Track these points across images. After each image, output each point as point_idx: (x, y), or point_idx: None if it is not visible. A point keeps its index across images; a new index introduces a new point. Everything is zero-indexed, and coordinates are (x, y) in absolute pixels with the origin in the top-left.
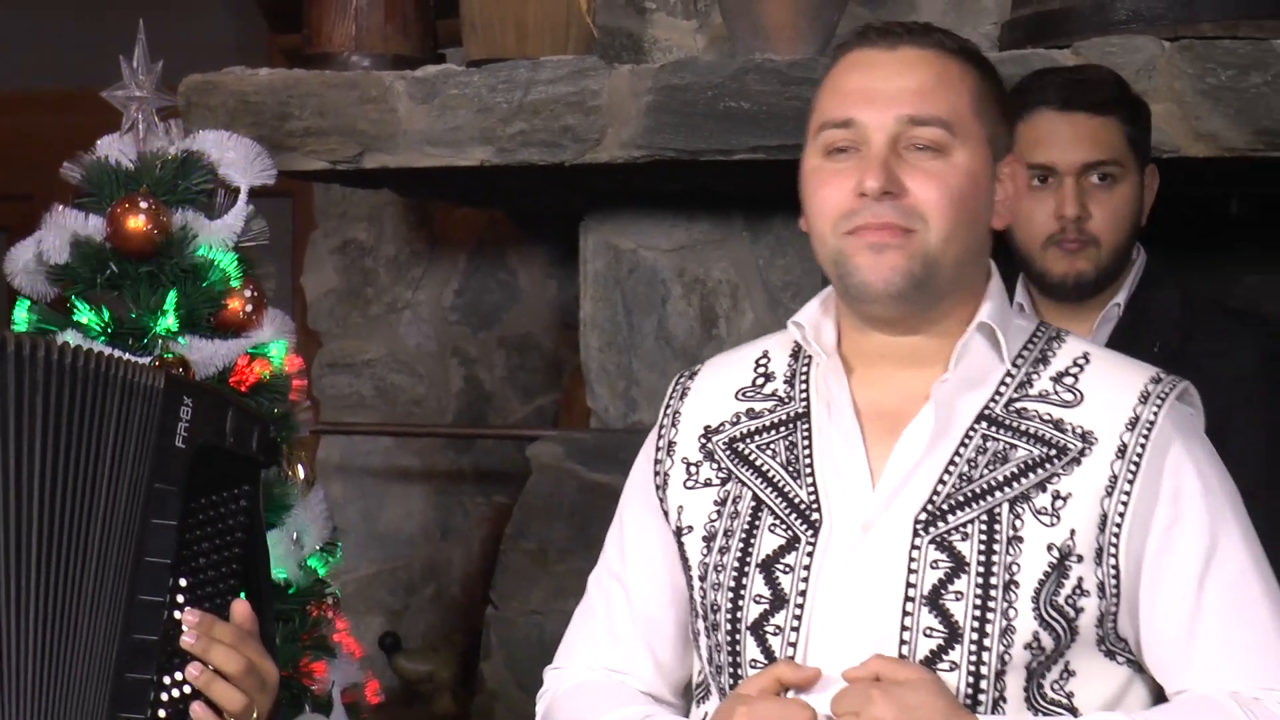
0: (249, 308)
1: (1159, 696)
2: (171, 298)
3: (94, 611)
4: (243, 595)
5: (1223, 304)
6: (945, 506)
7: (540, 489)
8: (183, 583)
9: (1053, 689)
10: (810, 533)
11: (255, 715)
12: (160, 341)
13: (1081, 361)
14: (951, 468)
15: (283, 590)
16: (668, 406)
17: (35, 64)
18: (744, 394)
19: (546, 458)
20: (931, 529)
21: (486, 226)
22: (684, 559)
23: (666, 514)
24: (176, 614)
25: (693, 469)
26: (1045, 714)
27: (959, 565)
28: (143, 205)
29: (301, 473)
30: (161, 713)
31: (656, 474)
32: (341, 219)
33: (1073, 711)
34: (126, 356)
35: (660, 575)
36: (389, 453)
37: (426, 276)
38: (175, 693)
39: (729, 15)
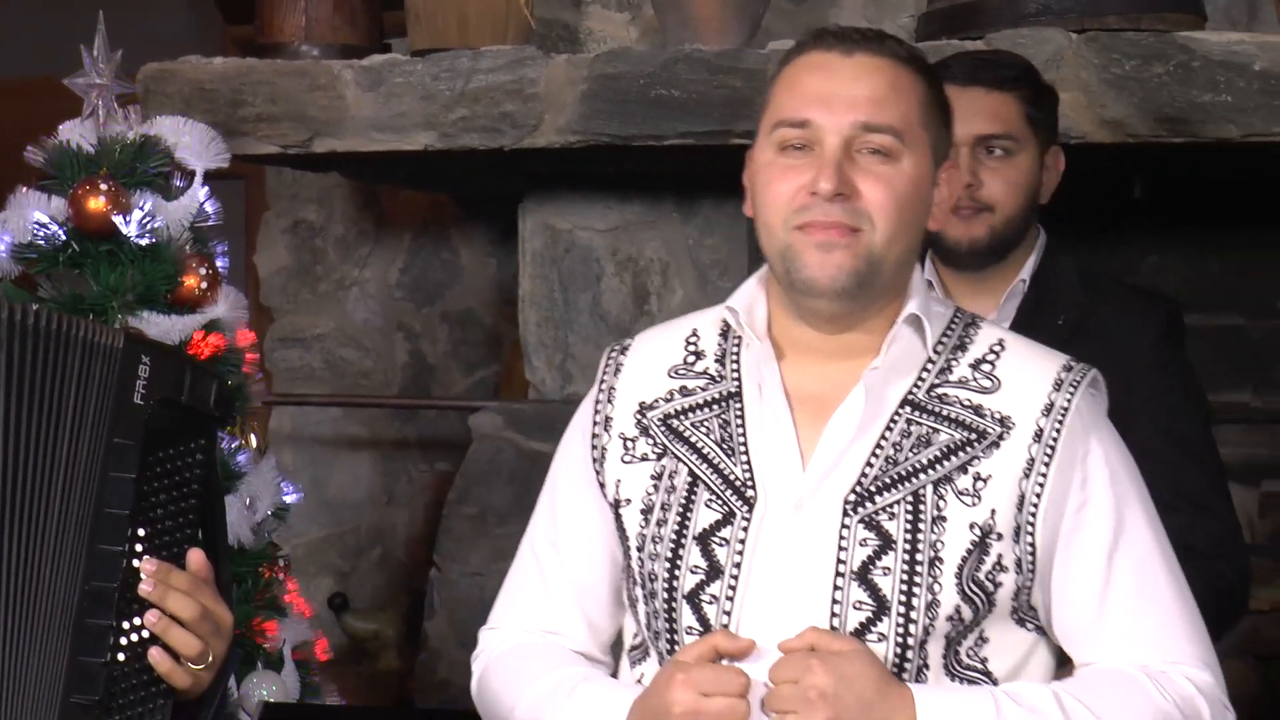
0: (204, 285)
1: (1059, 656)
2: (130, 276)
3: (55, 560)
4: (199, 544)
5: (1120, 280)
6: (873, 488)
7: (481, 457)
8: (141, 532)
9: (968, 655)
10: (745, 509)
11: (210, 659)
12: (119, 317)
13: (997, 349)
14: (879, 450)
15: (236, 553)
16: (602, 382)
17: (2, 54)
18: (676, 371)
19: (487, 427)
20: (860, 509)
21: (430, 208)
22: (622, 530)
23: (603, 486)
24: (135, 562)
25: (629, 444)
26: (960, 679)
27: (886, 543)
28: (103, 187)
29: (254, 442)
30: (120, 656)
31: (594, 447)
32: (292, 201)
33: (986, 675)
34: (89, 318)
35: (593, 541)
36: (337, 423)
37: (373, 255)
38: (134, 637)
39: (660, 8)
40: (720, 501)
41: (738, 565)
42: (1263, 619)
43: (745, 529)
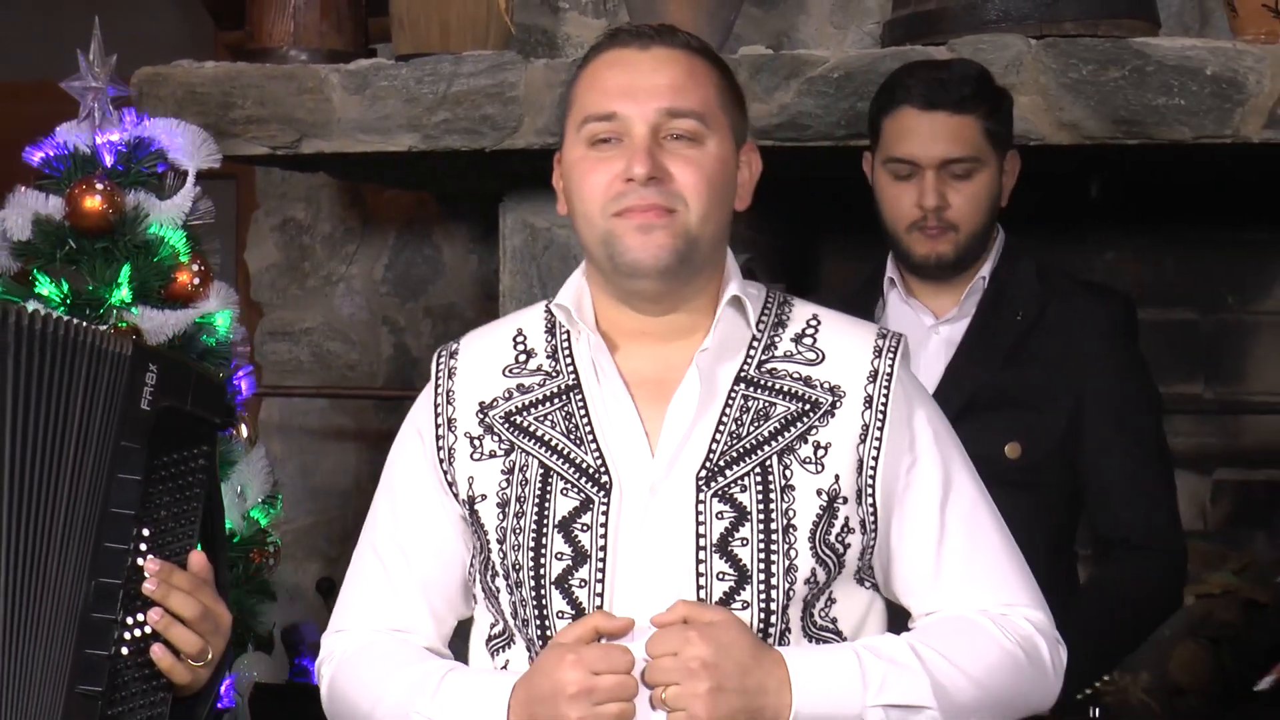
0: (196, 281)
1: (892, 610)
2: (125, 271)
3: (63, 556)
4: (200, 546)
5: (1074, 276)
6: (722, 463)
7: None
8: (145, 532)
9: (820, 615)
10: (602, 494)
11: (210, 656)
12: (115, 311)
13: (814, 323)
14: (721, 428)
15: (228, 539)
16: (438, 385)
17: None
18: (510, 370)
19: None
20: (712, 484)
21: (414, 206)
22: (479, 525)
23: (454, 485)
24: (139, 561)
25: (476, 442)
26: (815, 638)
27: (741, 515)
28: (99, 187)
29: (245, 432)
30: (124, 650)
31: (440, 449)
32: (281, 199)
33: (837, 633)
34: (98, 326)
35: (439, 539)
36: (325, 413)
37: (359, 252)
38: (137, 632)
39: (635, 14)
40: (576, 489)
41: (603, 549)
42: (1215, 602)
43: (605, 513)
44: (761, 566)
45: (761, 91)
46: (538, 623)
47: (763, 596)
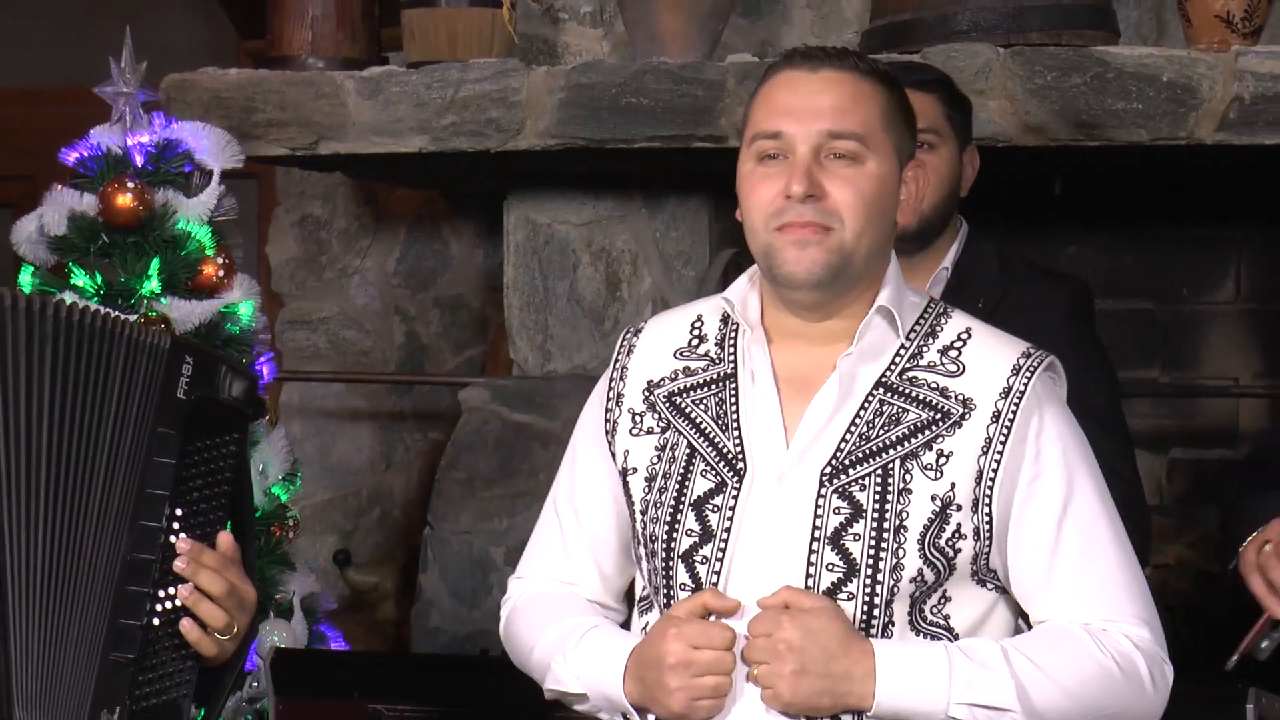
0: (221, 273)
1: (1019, 612)
2: (155, 264)
3: (99, 531)
4: (229, 526)
5: (1033, 263)
6: (847, 462)
7: (469, 427)
8: (178, 512)
9: (932, 613)
10: (736, 479)
11: (235, 631)
12: (145, 302)
13: (965, 336)
14: (853, 429)
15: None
16: (616, 361)
17: (36, 63)
18: (681, 353)
19: (475, 401)
20: (835, 480)
21: (423, 204)
22: (629, 496)
23: (614, 455)
24: (172, 538)
25: (637, 418)
26: (924, 633)
27: (857, 511)
28: (130, 185)
29: (266, 414)
30: (155, 621)
31: (607, 421)
32: (300, 197)
33: (949, 630)
34: (134, 319)
35: (606, 503)
36: (341, 397)
37: (372, 246)
38: (168, 605)
39: (630, 25)
40: (714, 472)
41: (727, 530)
42: (1170, 572)
43: (735, 497)
44: (870, 562)
45: (747, 96)
46: (665, 592)
47: (867, 591)
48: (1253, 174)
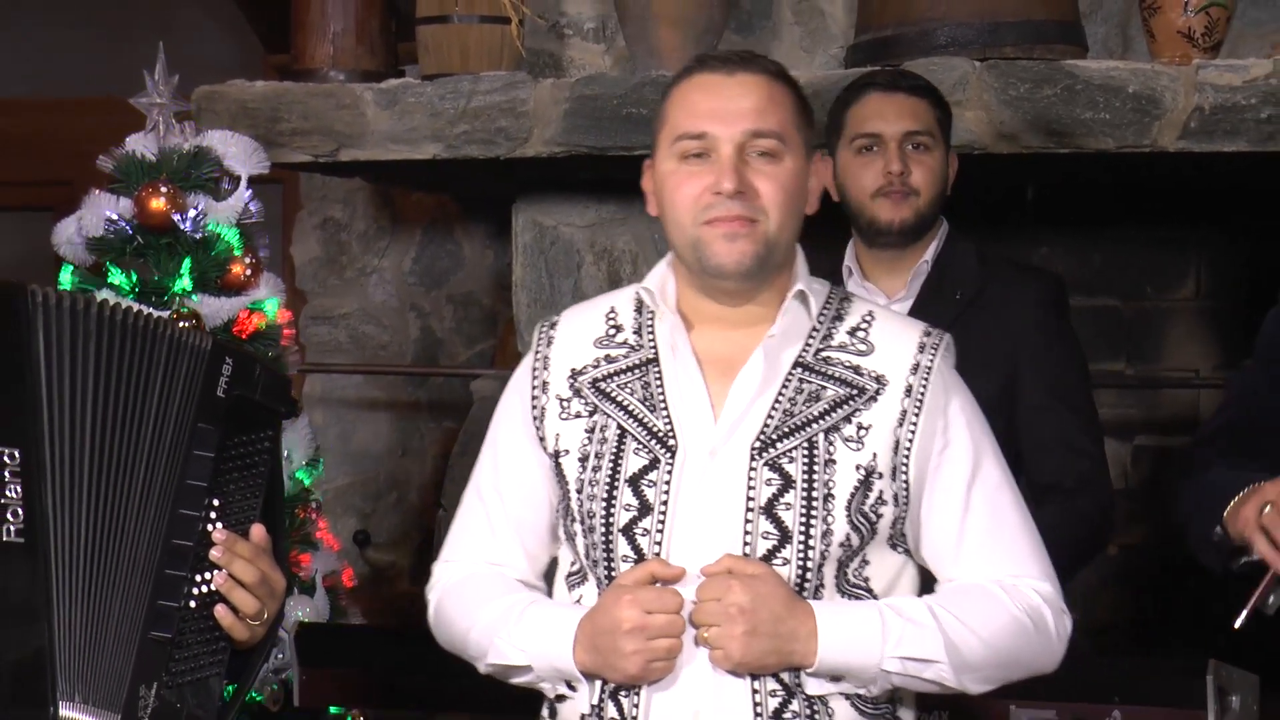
0: (249, 272)
1: (923, 575)
2: (186, 264)
3: (141, 518)
4: (262, 518)
5: (1010, 258)
6: (774, 436)
7: (480, 416)
8: (215, 503)
9: (854, 575)
10: (669, 455)
11: (265, 617)
12: (177, 299)
13: (869, 319)
14: (777, 405)
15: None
16: (537, 353)
17: (75, 76)
18: (599, 342)
19: (485, 391)
20: (765, 454)
21: (437, 207)
22: (562, 476)
23: (543, 440)
24: (209, 527)
25: (565, 404)
26: (848, 594)
27: (787, 482)
28: (163, 190)
29: (299, 413)
30: (191, 604)
31: (534, 408)
32: (322, 201)
33: (870, 591)
34: (179, 322)
35: (531, 486)
36: (360, 387)
37: (390, 247)
38: (203, 589)
39: (630, 40)
40: (646, 450)
41: (665, 503)
42: (1135, 554)
43: (670, 472)
44: (801, 529)
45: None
46: (605, 565)
47: (800, 556)
48: (1212, 180)
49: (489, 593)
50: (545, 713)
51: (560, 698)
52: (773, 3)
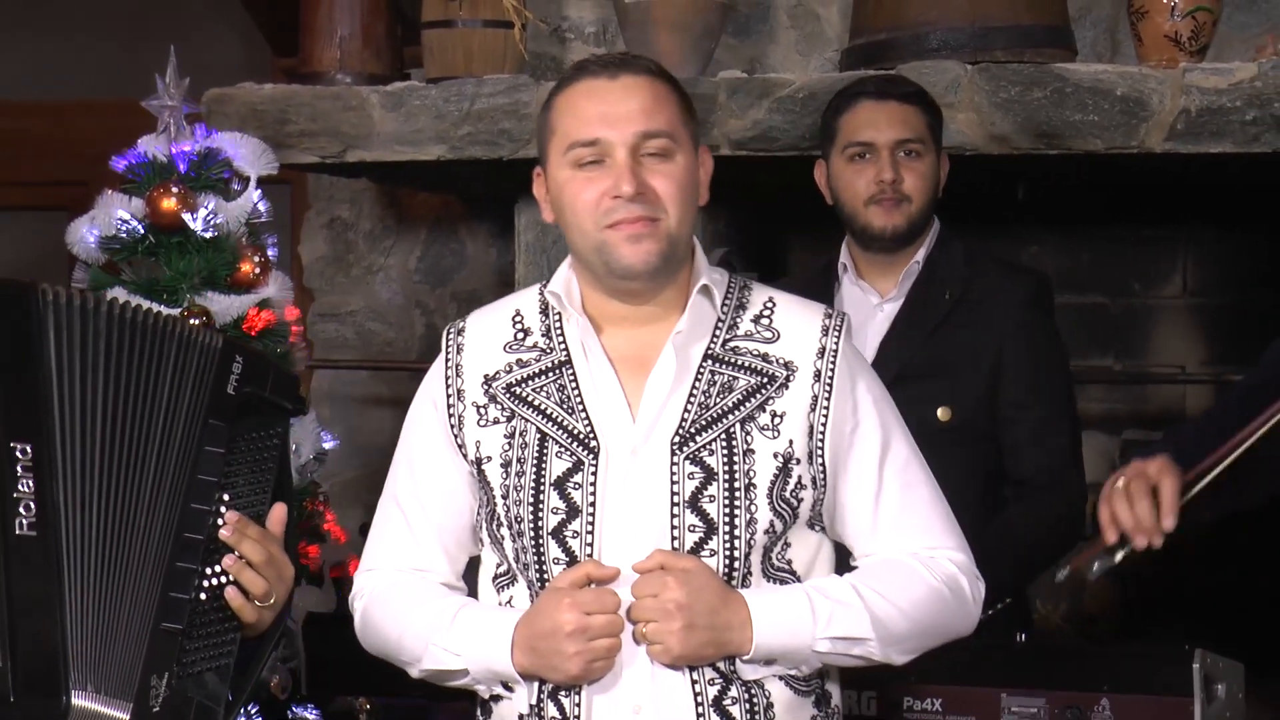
0: (257, 270)
1: (838, 550)
2: (197, 262)
3: (153, 512)
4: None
5: (997, 258)
6: (693, 430)
7: None
8: (225, 497)
9: (777, 558)
10: (591, 457)
11: (273, 600)
12: (188, 296)
13: (770, 305)
14: (692, 399)
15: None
16: (448, 360)
17: (89, 79)
18: (509, 347)
19: None
20: (685, 448)
21: (442, 207)
22: (485, 482)
23: (463, 447)
24: (219, 521)
25: (482, 410)
26: (773, 578)
27: (709, 475)
28: (174, 190)
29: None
30: (202, 595)
31: (450, 416)
32: (329, 201)
33: (793, 573)
34: (190, 320)
35: (449, 492)
36: (366, 383)
37: (395, 246)
38: (214, 581)
39: (630, 44)
40: (569, 453)
41: (592, 504)
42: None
43: (594, 473)
44: (726, 520)
45: (737, 109)
46: (537, 567)
47: (728, 546)
48: (1198, 180)
49: (416, 598)
50: (479, 713)
51: (495, 698)
52: (769, 7)
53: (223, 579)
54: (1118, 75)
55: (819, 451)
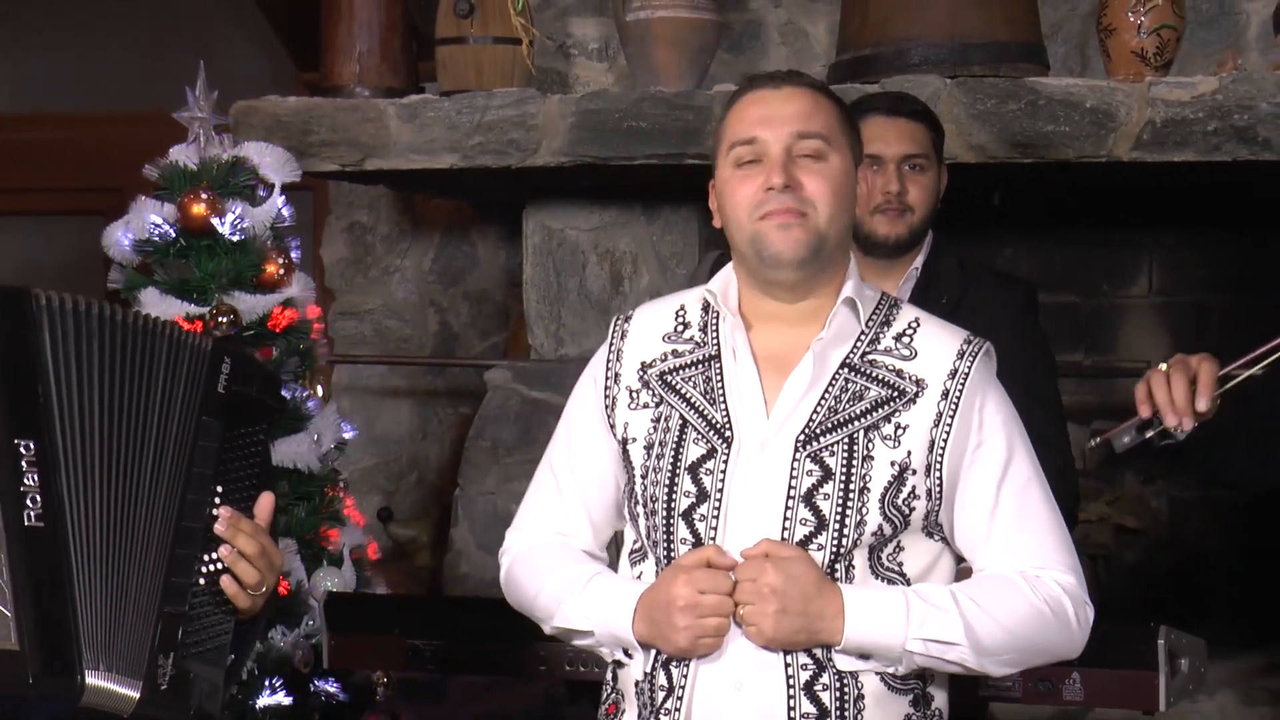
0: (281, 271)
1: (958, 561)
2: (224, 264)
3: (152, 504)
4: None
5: (991, 267)
6: (818, 431)
7: (494, 403)
8: (219, 488)
9: (888, 560)
10: (725, 446)
11: (264, 588)
12: (216, 296)
13: (914, 325)
14: (823, 402)
15: (306, 476)
16: (611, 344)
17: (124, 92)
18: (668, 337)
19: (498, 380)
20: (808, 447)
21: (454, 212)
22: (629, 462)
23: (613, 427)
24: (214, 510)
25: (634, 395)
26: (883, 578)
27: (827, 474)
28: (204, 196)
29: (320, 391)
30: (200, 580)
31: (606, 397)
32: (349, 207)
33: (903, 575)
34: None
35: (600, 465)
36: (384, 377)
37: (410, 248)
38: (211, 568)
39: (631, 60)
40: (705, 440)
41: (720, 491)
42: (1091, 526)
43: (726, 462)
44: (837, 518)
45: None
46: (665, 545)
47: (834, 542)
48: (1163, 186)
49: (557, 561)
50: (609, 675)
51: (618, 664)
52: (761, 25)
53: (219, 565)
54: (1088, 89)
55: (937, 465)
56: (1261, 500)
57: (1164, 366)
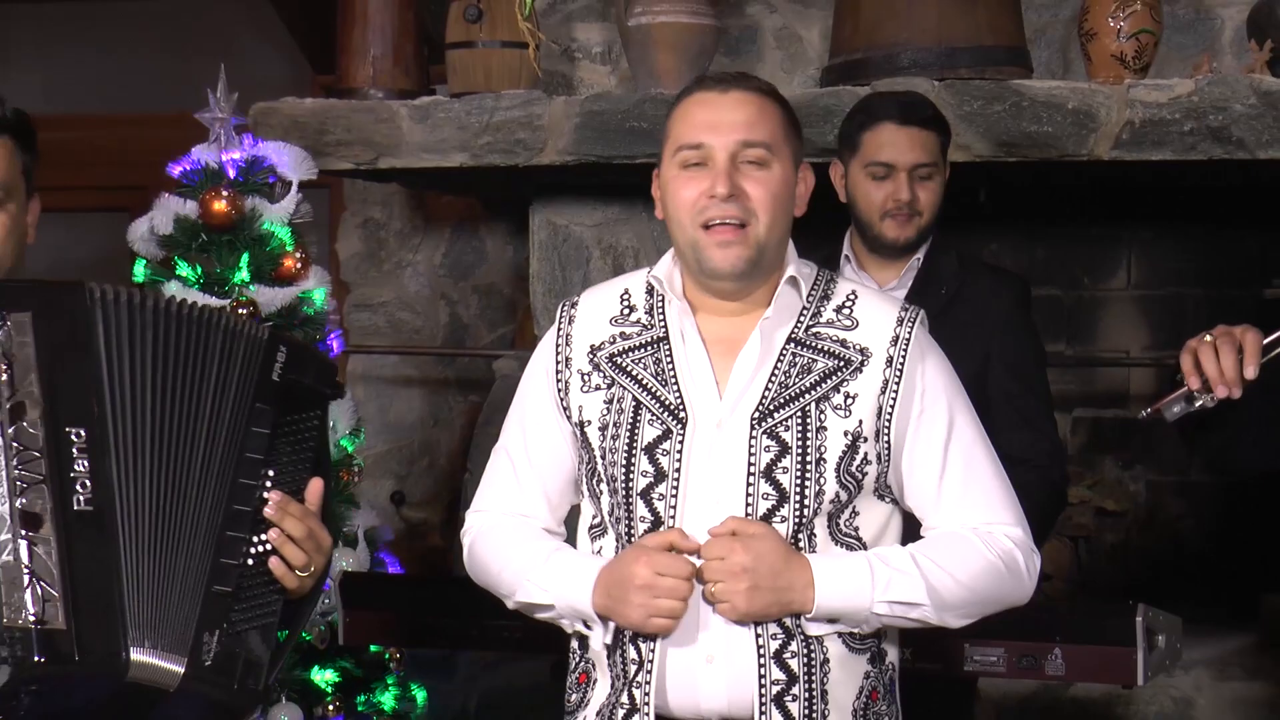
0: (299, 265)
1: (908, 520)
2: (245, 258)
3: (203, 486)
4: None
5: (987, 261)
6: (772, 407)
7: (502, 391)
8: (270, 473)
9: (845, 525)
10: (680, 426)
11: (312, 569)
12: (236, 289)
13: (852, 297)
14: (774, 379)
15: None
16: (560, 329)
17: (147, 94)
18: (615, 321)
19: (506, 370)
20: (763, 423)
21: (464, 208)
22: (586, 443)
23: (567, 410)
24: (265, 494)
25: (585, 378)
26: (841, 543)
27: (784, 449)
28: (224, 193)
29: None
30: (249, 561)
31: (558, 381)
32: (363, 203)
33: (859, 539)
34: (239, 312)
35: (553, 449)
36: (396, 366)
37: (422, 244)
38: (260, 549)
39: (632, 63)
40: (660, 421)
41: (678, 470)
42: (1073, 509)
43: (681, 442)
44: (797, 490)
45: None
46: (625, 523)
47: (796, 514)
48: (1141, 184)
49: (517, 538)
50: (574, 644)
51: (579, 635)
52: (757, 30)
53: (268, 547)
54: (1069, 90)
55: (885, 430)
56: (1235, 484)
57: (1208, 337)
